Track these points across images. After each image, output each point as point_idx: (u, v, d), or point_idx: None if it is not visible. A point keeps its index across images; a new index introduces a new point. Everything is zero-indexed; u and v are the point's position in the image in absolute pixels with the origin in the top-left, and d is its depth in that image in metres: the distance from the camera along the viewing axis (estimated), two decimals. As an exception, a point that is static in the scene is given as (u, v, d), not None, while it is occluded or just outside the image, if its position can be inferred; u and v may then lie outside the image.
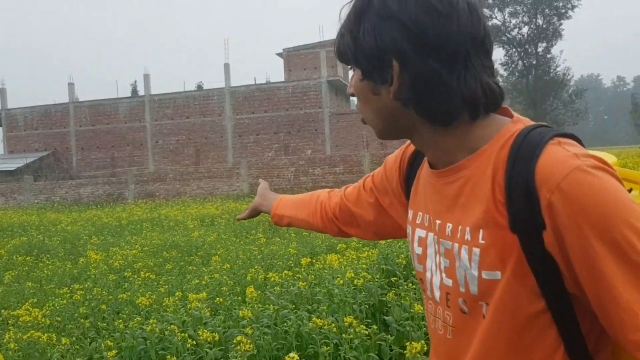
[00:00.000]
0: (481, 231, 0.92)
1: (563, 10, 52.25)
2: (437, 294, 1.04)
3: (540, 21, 52.74)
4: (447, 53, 0.91)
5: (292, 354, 2.97)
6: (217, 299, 4.92)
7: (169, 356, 3.48)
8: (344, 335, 3.59)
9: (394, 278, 5.19)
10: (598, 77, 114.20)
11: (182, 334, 3.83)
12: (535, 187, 0.85)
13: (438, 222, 1.03)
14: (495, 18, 53.93)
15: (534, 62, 53.55)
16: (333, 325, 3.75)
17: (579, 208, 0.81)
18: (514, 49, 53.83)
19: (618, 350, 0.93)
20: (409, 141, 1.14)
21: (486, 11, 53.64)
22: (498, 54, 54.54)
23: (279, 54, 41.52)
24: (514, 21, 53.95)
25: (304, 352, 3.89)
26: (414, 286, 4.66)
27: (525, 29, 53.72)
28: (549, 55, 53.87)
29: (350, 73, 1.06)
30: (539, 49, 53.52)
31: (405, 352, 3.19)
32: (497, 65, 56.75)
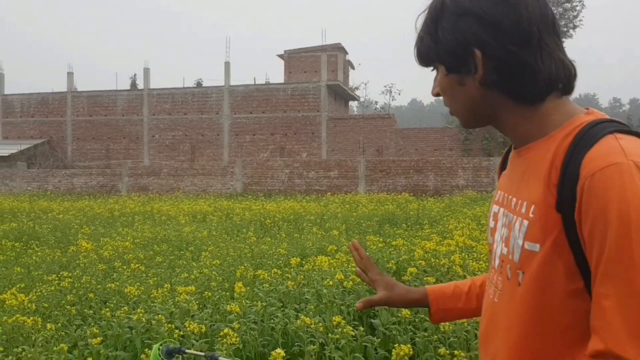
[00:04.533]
0: (533, 206, 1.03)
1: (565, 29, 52.46)
2: (496, 262, 1.18)
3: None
4: (522, 36, 1.02)
5: (278, 350, 2.98)
6: (206, 293, 4.91)
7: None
8: (330, 335, 3.59)
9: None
10: (595, 97, 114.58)
11: (169, 325, 3.82)
12: (579, 173, 0.94)
13: (509, 197, 1.15)
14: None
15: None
16: (320, 324, 3.76)
17: (598, 203, 0.89)
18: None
19: None
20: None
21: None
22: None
23: (280, 55, 41.51)
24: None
25: (289, 350, 3.89)
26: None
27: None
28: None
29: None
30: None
31: (390, 355, 3.20)
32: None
